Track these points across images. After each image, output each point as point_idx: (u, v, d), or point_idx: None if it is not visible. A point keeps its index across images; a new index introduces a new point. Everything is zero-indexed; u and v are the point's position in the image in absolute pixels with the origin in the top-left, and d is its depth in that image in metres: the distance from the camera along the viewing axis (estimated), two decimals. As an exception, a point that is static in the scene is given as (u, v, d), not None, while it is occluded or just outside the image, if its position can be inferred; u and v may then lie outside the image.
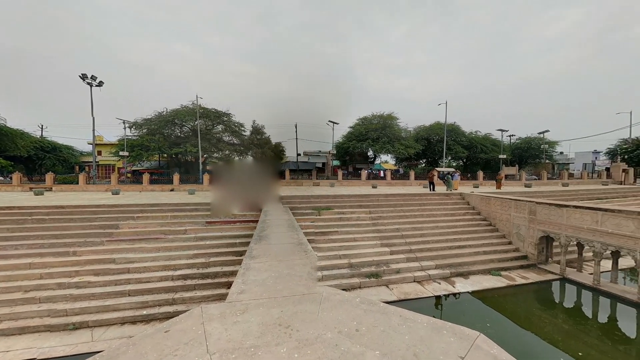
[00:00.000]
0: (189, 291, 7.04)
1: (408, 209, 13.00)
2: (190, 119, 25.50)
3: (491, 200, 12.82)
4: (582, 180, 30.26)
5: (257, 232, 6.48)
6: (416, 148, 31.16)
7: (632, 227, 7.74)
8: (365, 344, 2.27)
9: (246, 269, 4.06)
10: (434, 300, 7.76)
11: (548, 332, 6.46)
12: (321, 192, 15.57)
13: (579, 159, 51.89)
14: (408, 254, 9.81)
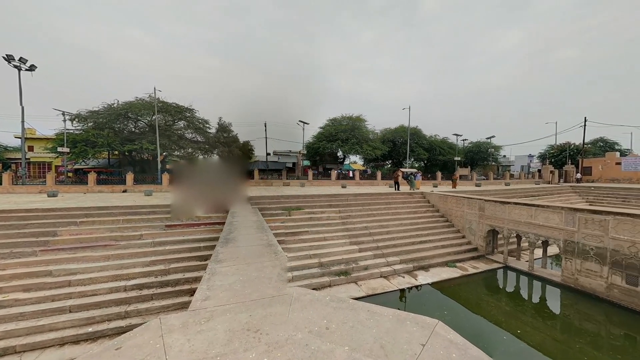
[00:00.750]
0: (146, 302, 6.43)
1: (375, 208, 13.57)
2: (147, 113, 23.27)
3: (448, 198, 14.03)
4: (520, 180, 34.80)
5: (224, 235, 6.18)
6: (382, 149, 32.69)
7: (557, 220, 9.14)
8: (335, 341, 2.32)
9: (211, 274, 3.85)
10: (398, 294, 8.23)
11: (494, 315, 7.29)
12: (291, 192, 15.47)
13: (518, 162, 59.53)
14: (375, 250, 10.24)
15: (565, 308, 7.71)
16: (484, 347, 6.03)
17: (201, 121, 25.95)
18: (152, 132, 21.99)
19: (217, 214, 10.53)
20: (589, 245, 8.26)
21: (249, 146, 31.33)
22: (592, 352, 5.75)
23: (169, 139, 23.04)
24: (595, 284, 8.06)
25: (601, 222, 8.03)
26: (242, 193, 12.63)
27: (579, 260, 8.47)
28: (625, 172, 30.85)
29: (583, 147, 34.55)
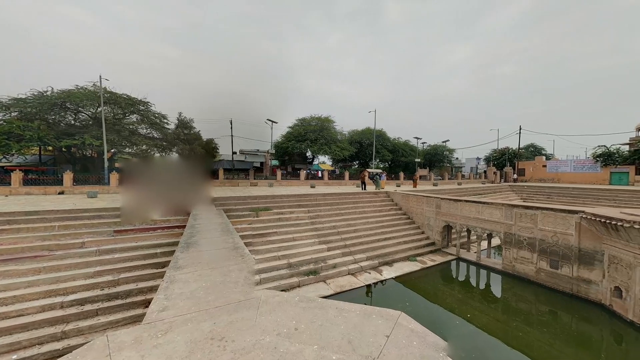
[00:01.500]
0: (89, 319, 5.66)
1: (343, 207, 13.91)
2: (91, 105, 20.51)
3: (409, 197, 15.03)
4: (470, 180, 38.88)
5: (185, 239, 5.75)
6: (350, 150, 33.67)
7: (499, 215, 10.42)
8: (304, 341, 2.32)
9: (170, 281, 3.55)
10: (365, 289, 8.56)
11: (448, 302, 8.02)
12: (259, 192, 15.04)
13: (468, 164, 66.31)
14: (343, 249, 10.50)
15: (505, 292, 8.83)
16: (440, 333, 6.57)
17: (158, 116, 23.73)
18: (97, 126, 19.44)
19: (177, 217, 9.75)
20: (522, 236, 9.59)
21: (213, 144, 29.60)
22: (525, 328, 6.69)
23: (118, 134, 20.59)
24: (527, 270, 9.39)
25: (532, 216, 9.38)
26: (206, 194, 11.90)
27: (515, 249, 9.78)
28: (549, 173, 36.51)
29: (518, 151, 39.99)
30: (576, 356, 5.77)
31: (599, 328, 6.75)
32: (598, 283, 7.72)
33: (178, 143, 24.36)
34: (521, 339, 6.27)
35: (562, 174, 35.29)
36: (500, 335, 6.37)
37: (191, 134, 26.05)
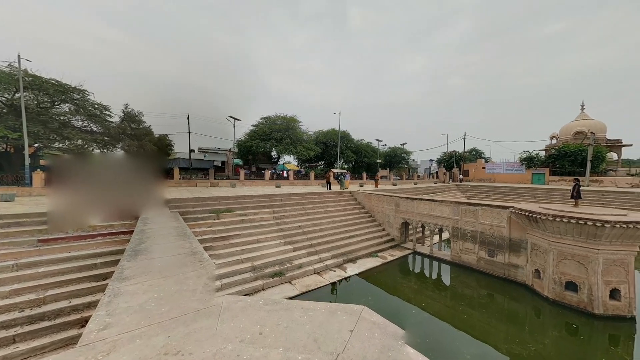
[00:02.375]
0: (3, 348, 4.68)
1: (309, 207, 13.98)
2: (5, 89, 16.98)
3: (371, 196, 15.80)
4: (424, 180, 42.51)
5: (132, 246, 5.14)
6: (316, 151, 33.99)
7: (448, 211, 11.60)
8: (269, 345, 2.27)
9: (114, 295, 3.14)
10: (330, 287, 8.73)
11: (406, 294, 8.64)
12: (220, 193, 14.22)
13: (422, 165, 72.46)
14: (309, 248, 10.55)
15: (453, 280, 9.86)
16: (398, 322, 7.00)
17: (98, 107, 20.72)
18: (14, 115, 16.20)
19: (123, 222, 8.67)
20: (467, 229, 10.83)
21: (166, 141, 26.97)
22: (469, 311, 7.57)
23: (45, 125, 17.41)
24: (470, 259, 10.64)
25: (474, 212, 10.65)
26: (158, 195, 10.81)
27: (461, 241, 10.99)
28: (487, 174, 41.93)
29: (463, 154, 45.07)
30: (507, 330, 6.73)
31: (524, 305, 7.99)
32: (523, 267, 9.13)
33: (124, 138, 21.61)
34: (465, 320, 7.08)
35: (497, 174, 40.81)
36: (448, 319, 7.10)
37: (140, 128, 23.33)
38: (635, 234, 6.88)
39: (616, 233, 6.90)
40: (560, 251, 7.78)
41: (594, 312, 7.08)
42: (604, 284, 7.08)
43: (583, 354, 5.92)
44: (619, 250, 7.10)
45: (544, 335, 6.52)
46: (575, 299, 7.44)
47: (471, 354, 5.68)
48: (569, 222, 7.35)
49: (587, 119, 38.67)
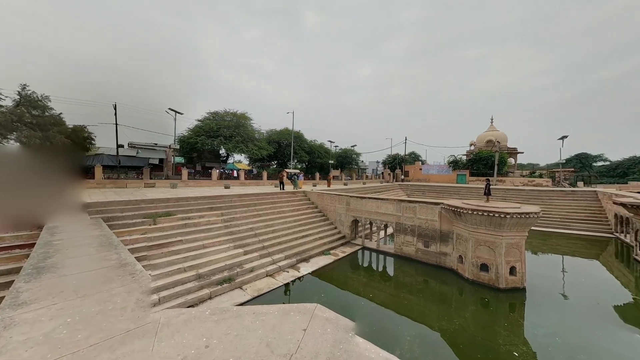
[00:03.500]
0: None
1: (261, 208, 13.54)
2: None
3: (324, 196, 16.23)
4: (372, 180, 45.78)
5: (34, 262, 4.13)
6: (269, 150, 33.12)
7: (392, 208, 12.74)
8: (217, 357, 2.12)
9: (4, 327, 2.47)
10: (283, 288, 8.63)
11: (356, 287, 9.16)
12: (158, 194, 12.58)
13: (370, 166, 77.99)
14: (261, 251, 10.22)
15: (396, 271, 10.88)
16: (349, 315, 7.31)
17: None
18: None
19: (20, 233, 6.89)
20: (407, 224, 12.10)
21: (85, 133, 22.41)
22: (409, 297, 8.47)
23: None
24: (410, 250, 11.92)
25: (413, 208, 11.97)
26: (73, 198, 8.95)
27: (402, 235, 12.22)
28: (424, 174, 47.65)
29: (404, 157, 50.25)
30: (438, 310, 7.77)
31: (451, 286, 9.35)
32: (450, 254, 10.68)
33: (19, 127, 17.12)
34: (406, 306, 7.90)
35: (431, 175, 46.73)
36: (392, 306, 7.81)
37: (45, 116, 18.82)
38: (525, 222, 8.77)
39: (514, 222, 8.67)
40: (476, 239, 9.37)
41: (499, 286, 8.75)
42: (506, 263, 8.82)
43: (492, 321, 7.26)
44: (515, 235, 8.94)
45: (465, 310, 7.77)
46: (487, 277, 9.07)
47: (410, 335, 6.37)
48: (482, 214, 8.92)
49: (495, 130, 47.58)
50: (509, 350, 5.91)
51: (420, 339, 6.21)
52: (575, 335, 6.51)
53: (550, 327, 6.77)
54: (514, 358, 5.66)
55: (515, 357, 5.69)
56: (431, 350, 5.84)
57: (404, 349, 5.78)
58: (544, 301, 8.27)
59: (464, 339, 6.39)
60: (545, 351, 5.85)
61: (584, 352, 5.82)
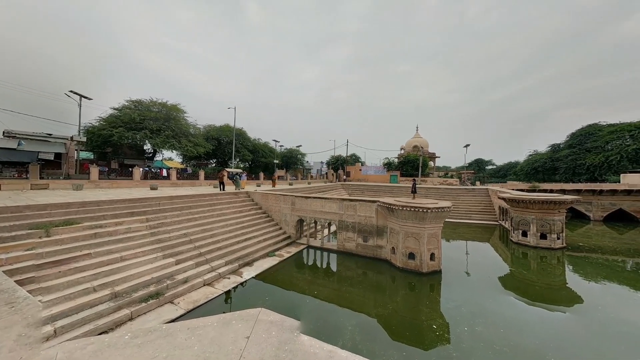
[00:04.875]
0: None
1: (198, 211, 12.27)
2: None
3: (269, 196, 15.83)
4: (317, 180, 47.04)
5: None
6: (207, 147, 30.25)
7: (335, 207, 13.38)
8: (141, 387, 1.82)
9: None
10: (224, 296, 8.03)
11: (301, 286, 9.25)
12: (54, 198, 9.93)
13: (315, 166, 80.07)
14: (198, 258, 9.27)
15: (339, 266, 11.47)
16: (294, 315, 7.32)
17: None
18: None
19: None
20: (348, 221, 12.90)
21: None
22: (350, 290, 9.06)
23: None
24: (351, 246, 12.75)
25: (354, 206, 12.84)
26: None
27: (344, 232, 12.97)
28: (363, 175, 51.70)
29: (346, 158, 53.47)
30: (375, 298, 8.56)
31: (385, 275, 10.43)
32: (385, 247, 11.89)
33: None
34: (348, 298, 8.42)
35: (369, 175, 51.05)
36: (335, 300, 8.20)
37: None
38: (442, 215, 10.50)
39: (434, 215, 10.27)
40: (405, 231, 10.71)
41: (422, 271, 10.22)
42: (427, 251, 10.37)
43: (417, 301, 8.43)
44: (434, 227, 10.60)
45: (397, 295, 8.79)
46: (413, 264, 10.46)
47: (352, 325, 6.81)
48: (410, 210, 10.25)
49: (419, 138, 55.36)
50: (430, 325, 6.97)
51: (360, 327, 6.71)
52: (474, 304, 8.14)
53: (458, 301, 8.29)
54: (433, 330, 6.71)
55: (434, 329, 6.75)
56: (369, 336, 6.38)
57: (346, 339, 6.15)
58: (454, 280, 10.06)
59: (395, 320, 7.22)
60: (455, 320, 7.13)
61: (480, 317, 7.34)
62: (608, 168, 34.61)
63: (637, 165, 32.19)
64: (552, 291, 9.55)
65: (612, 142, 36.35)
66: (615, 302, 8.73)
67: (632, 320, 7.41)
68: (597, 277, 11.01)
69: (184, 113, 29.69)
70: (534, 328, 6.89)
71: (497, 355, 5.70)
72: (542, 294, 9.34)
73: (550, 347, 5.97)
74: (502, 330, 6.67)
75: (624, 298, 9.10)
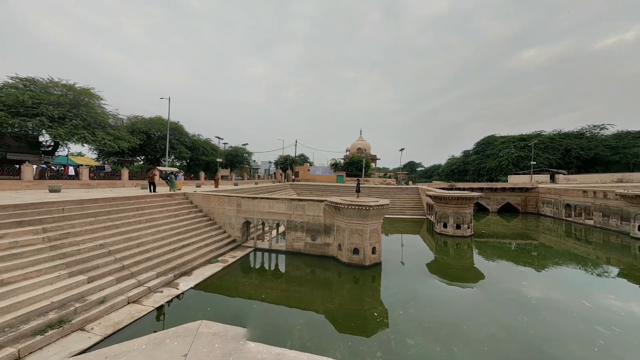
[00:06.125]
0: None
1: (119, 217, 10.40)
2: None
3: (211, 197, 14.57)
4: (265, 180, 45.62)
5: None
6: (132, 142, 25.92)
7: (284, 207, 13.23)
8: None
9: None
10: (156, 313, 7.02)
11: (248, 292, 8.83)
12: None
13: (263, 166, 77.52)
14: (119, 272, 7.86)
15: (287, 267, 11.39)
16: (241, 322, 6.95)
17: None
18: None
19: None
20: (297, 221, 12.94)
21: None
22: (299, 289, 9.10)
23: None
24: (300, 245, 12.82)
25: (302, 206, 12.95)
26: None
27: (293, 232, 12.96)
28: (311, 175, 52.62)
29: (295, 158, 53.52)
30: (323, 295, 8.83)
31: (332, 272, 10.85)
32: (332, 244, 12.38)
33: None
34: (297, 298, 8.44)
35: (317, 176, 52.28)
36: (284, 301, 8.12)
37: None
38: (382, 212, 11.54)
39: (375, 212, 11.20)
40: (351, 228, 11.37)
41: (365, 264, 11.03)
42: (369, 245, 11.25)
43: (361, 293, 9.05)
44: (375, 223, 11.57)
45: (343, 289, 9.26)
46: (357, 258, 11.20)
47: (300, 323, 6.86)
48: (355, 208, 10.94)
49: (363, 141, 59.59)
50: (372, 313, 7.58)
51: (308, 325, 6.80)
52: (408, 290, 9.23)
53: (394, 288, 9.25)
54: (374, 317, 7.32)
55: (375, 317, 7.37)
56: (317, 332, 6.53)
57: (295, 338, 6.16)
58: (391, 270, 11.19)
59: (342, 313, 7.59)
60: (392, 306, 7.93)
61: (412, 300, 8.37)
62: (500, 170, 44.08)
63: (518, 168, 41.96)
64: (464, 271, 11.60)
65: (503, 150, 46.42)
66: (506, 275, 11.18)
67: (518, 288, 9.61)
68: (493, 257, 13.88)
69: (100, 99, 24.75)
70: (451, 303, 8.23)
71: (425, 330, 6.60)
72: (457, 274, 11.24)
73: (462, 318, 7.24)
74: (429, 309, 7.75)
75: (511, 271, 11.72)
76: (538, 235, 19.49)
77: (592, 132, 44.23)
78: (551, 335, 6.49)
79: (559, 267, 12.32)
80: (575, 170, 40.66)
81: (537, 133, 47.65)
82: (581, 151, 40.80)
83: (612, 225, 19.01)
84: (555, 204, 26.09)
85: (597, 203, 20.51)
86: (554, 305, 8.14)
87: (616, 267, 11.95)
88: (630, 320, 7.30)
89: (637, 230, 16.76)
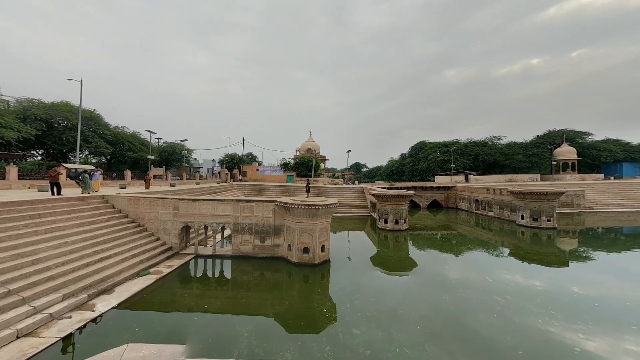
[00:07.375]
0: None
1: (2, 228, 8.06)
2: None
3: (140, 200, 12.62)
4: (207, 180, 41.91)
5: None
6: (24, 131, 20.39)
7: (229, 209, 12.42)
8: None
9: None
10: (61, 344, 5.68)
11: (187, 304, 7.97)
12: None
13: (205, 165, 71.02)
14: (4, 299, 6.09)
15: (234, 272, 10.73)
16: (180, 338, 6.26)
17: None
18: None
19: None
20: (245, 223, 12.33)
21: None
22: (247, 294, 8.68)
23: None
24: (247, 248, 12.25)
25: (250, 207, 12.40)
26: None
27: (240, 235, 12.29)
28: (260, 175, 50.82)
29: (242, 157, 50.83)
30: (272, 297, 8.64)
31: (282, 273, 10.72)
32: (282, 245, 12.23)
33: None
34: (244, 304, 8.04)
35: (266, 175, 50.82)
36: (230, 309, 7.63)
37: None
38: (330, 210, 11.97)
39: (324, 211, 11.54)
40: (300, 228, 11.44)
41: (315, 262, 11.27)
42: (319, 243, 11.54)
43: (311, 291, 9.20)
44: (324, 221, 11.93)
45: (293, 289, 9.24)
46: (307, 257, 11.34)
47: (248, 330, 6.55)
48: (304, 207, 11.06)
49: (312, 142, 60.69)
50: (321, 309, 7.79)
51: (256, 331, 6.55)
52: (354, 283, 9.83)
53: (342, 284, 9.73)
54: (323, 314, 7.54)
55: (324, 312, 7.60)
56: (266, 337, 6.34)
57: (242, 347, 5.84)
58: (339, 265, 11.73)
59: (292, 314, 7.57)
60: (340, 300, 8.31)
61: (358, 292, 8.94)
62: (429, 172, 51.03)
63: (443, 170, 49.37)
64: (401, 261, 13.00)
65: (431, 154, 53.85)
66: (433, 262, 13.01)
67: (442, 272, 11.28)
68: (424, 247, 15.99)
69: (-29, 74, 18.63)
70: (391, 291, 9.13)
71: (369, 319, 7.14)
72: (396, 265, 12.53)
73: (400, 303, 8.12)
74: (372, 299, 8.41)
75: (437, 258, 13.68)
76: (457, 226, 23.32)
77: (493, 142, 55.50)
78: (465, 308, 7.84)
79: (471, 252, 15.00)
80: (482, 172, 50.21)
81: (456, 140, 56.92)
82: (485, 157, 50.82)
83: (505, 215, 24.12)
84: (468, 199, 31.63)
85: (496, 198, 25.75)
86: (467, 283, 9.87)
87: (507, 249, 15.24)
88: (517, 289, 9.40)
89: (520, 219, 21.68)
